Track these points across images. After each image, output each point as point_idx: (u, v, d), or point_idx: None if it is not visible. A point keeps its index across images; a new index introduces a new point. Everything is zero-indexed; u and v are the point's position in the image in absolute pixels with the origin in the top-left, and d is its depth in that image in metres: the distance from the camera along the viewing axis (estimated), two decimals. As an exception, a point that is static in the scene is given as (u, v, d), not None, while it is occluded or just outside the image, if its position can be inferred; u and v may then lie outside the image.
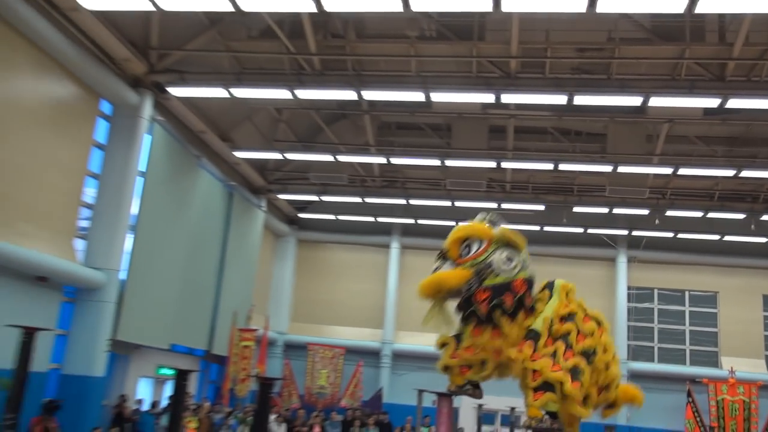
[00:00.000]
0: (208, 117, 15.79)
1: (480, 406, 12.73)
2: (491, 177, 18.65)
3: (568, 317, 5.89)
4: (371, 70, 14.79)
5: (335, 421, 18.52)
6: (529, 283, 5.71)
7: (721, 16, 12.70)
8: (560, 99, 13.24)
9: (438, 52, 14.29)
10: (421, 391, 7.74)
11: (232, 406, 17.18)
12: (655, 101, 12.94)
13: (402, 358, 21.84)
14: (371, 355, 21.67)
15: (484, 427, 18.82)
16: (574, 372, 5.37)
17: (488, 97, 13.73)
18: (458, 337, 6.01)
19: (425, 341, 21.76)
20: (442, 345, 6.17)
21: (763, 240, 19.71)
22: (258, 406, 6.55)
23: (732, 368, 19.02)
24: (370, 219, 21.79)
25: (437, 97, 13.65)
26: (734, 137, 17.20)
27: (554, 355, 5.46)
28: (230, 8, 10.45)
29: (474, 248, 5.28)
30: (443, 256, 5.67)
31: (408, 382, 19.83)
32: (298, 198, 21.27)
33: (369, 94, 14.04)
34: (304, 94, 13.97)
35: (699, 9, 9.62)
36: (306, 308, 22.81)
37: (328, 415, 18.89)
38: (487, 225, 5.59)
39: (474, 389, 6.08)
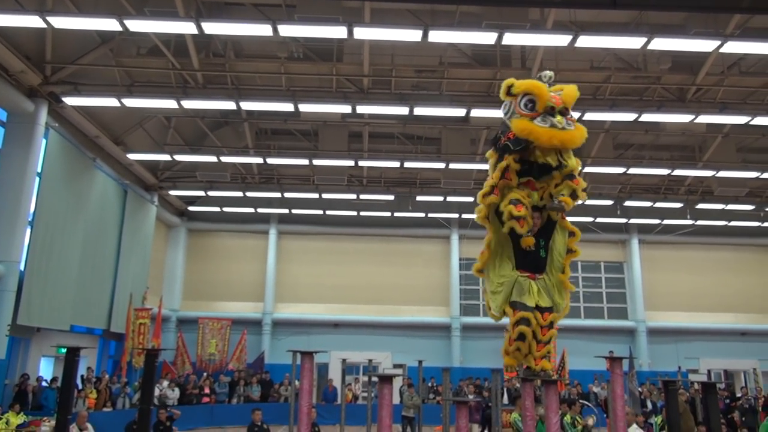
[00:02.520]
0: (103, 123, 14.87)
1: (344, 360, 13.10)
2: (351, 173, 19.03)
3: None
4: (248, 85, 14.63)
5: (223, 382, 18.24)
6: None
7: (522, 47, 13.80)
8: (404, 110, 13.81)
9: (304, 71, 14.38)
10: (294, 352, 7.92)
11: (130, 378, 16.45)
12: (476, 113, 13.86)
13: (280, 325, 21.80)
14: (254, 324, 21.44)
15: (348, 377, 19.38)
16: None
17: (346, 108, 14.02)
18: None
19: (299, 310, 22.01)
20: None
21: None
22: (144, 373, 6.40)
23: (537, 317, 20.71)
24: (251, 210, 21.50)
25: (305, 107, 13.77)
26: (535, 141, 18.71)
27: None
28: (119, 28, 10.01)
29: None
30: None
31: (285, 345, 19.94)
32: (187, 193, 20.50)
33: (247, 105, 13.87)
34: (190, 104, 13.60)
35: (505, 41, 10.51)
36: (196, 288, 22.10)
37: (217, 377, 18.57)
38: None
39: None
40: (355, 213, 21.58)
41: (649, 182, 19.72)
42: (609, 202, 19.96)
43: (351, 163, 17.04)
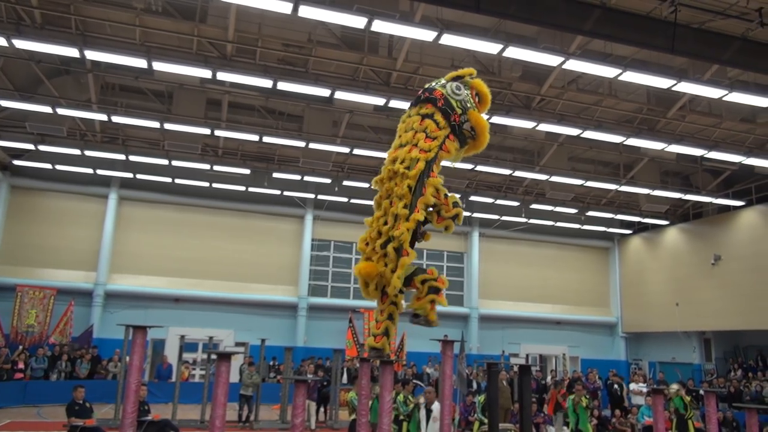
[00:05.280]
0: None
1: (182, 337, 12.57)
2: (206, 142, 18.16)
3: None
4: (96, 33, 13.29)
5: (42, 356, 16.61)
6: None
7: (391, 36, 14.03)
8: (267, 83, 13.42)
9: (162, 27, 13.35)
10: (127, 326, 7.43)
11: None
12: (340, 95, 13.88)
13: (114, 297, 20.26)
14: (84, 295, 19.70)
15: (189, 355, 18.65)
16: None
17: (206, 73, 13.26)
18: None
19: (137, 282, 20.64)
20: None
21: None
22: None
23: (381, 300, 21.47)
24: (90, 171, 19.62)
25: (160, 66, 12.80)
26: (394, 129, 19.12)
27: None
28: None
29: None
30: None
31: (119, 319, 18.64)
32: (12, 145, 18.11)
33: (93, 55, 12.54)
34: (24, 44, 12.01)
35: (374, 28, 10.60)
36: (17, 252, 19.68)
37: (34, 351, 16.85)
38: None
39: None
40: (207, 184, 20.65)
41: (492, 180, 21.20)
42: (457, 196, 21.11)
43: (207, 131, 16.22)
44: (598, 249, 26.88)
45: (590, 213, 22.79)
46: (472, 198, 21.40)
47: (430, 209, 5.23)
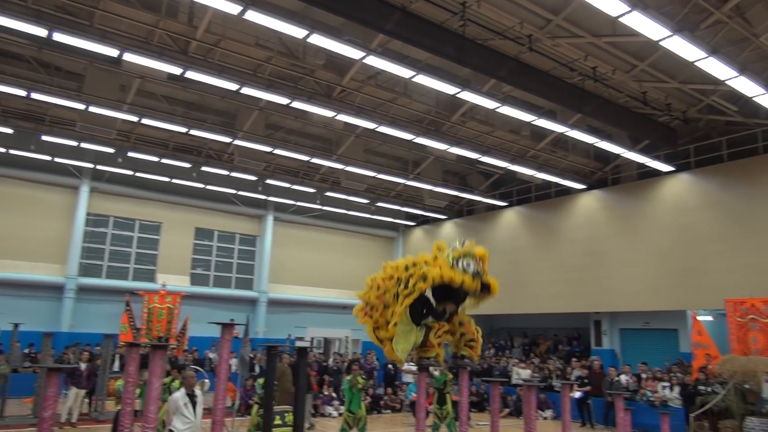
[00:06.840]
0: None
1: None
2: (-47, 91, 15.20)
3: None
4: None
5: None
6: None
7: (193, 2, 13.14)
8: (40, 31, 11.68)
9: None
10: None
11: None
12: (130, 57, 12.66)
13: None
14: None
15: None
16: None
17: (-42, 9, 11.10)
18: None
19: None
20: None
21: (200, 185, 21.43)
22: None
23: (164, 283, 20.23)
24: None
25: None
26: (190, 102, 18.01)
27: None
28: None
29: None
30: None
31: None
32: None
33: None
34: None
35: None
36: None
37: None
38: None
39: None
40: (-47, 141, 17.37)
41: (290, 165, 21.22)
42: (253, 178, 20.77)
43: (-45, 78, 13.61)
44: (384, 238, 28.58)
45: (380, 204, 24.10)
46: (269, 181, 21.20)
47: (466, 341, 6.88)
